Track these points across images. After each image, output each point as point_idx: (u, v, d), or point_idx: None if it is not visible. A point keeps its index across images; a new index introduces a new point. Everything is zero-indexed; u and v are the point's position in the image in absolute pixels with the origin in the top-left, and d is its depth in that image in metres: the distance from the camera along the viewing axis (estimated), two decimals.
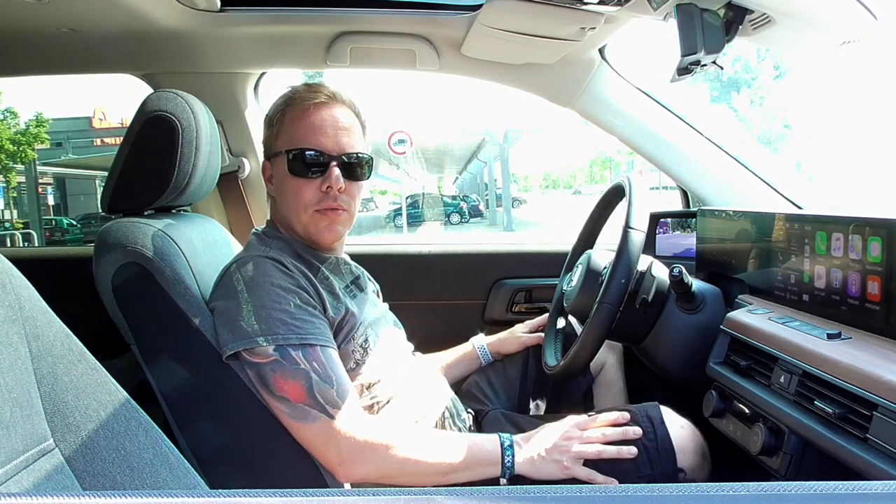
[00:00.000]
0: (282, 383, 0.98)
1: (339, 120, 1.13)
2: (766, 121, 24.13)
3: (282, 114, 1.14)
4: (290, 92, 1.15)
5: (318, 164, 1.10)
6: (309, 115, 1.11)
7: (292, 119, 1.12)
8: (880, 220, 0.86)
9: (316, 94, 1.13)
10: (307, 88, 1.14)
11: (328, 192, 1.10)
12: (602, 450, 1.05)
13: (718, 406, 1.09)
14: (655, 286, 1.23)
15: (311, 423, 0.98)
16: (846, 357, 0.82)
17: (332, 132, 1.11)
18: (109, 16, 1.37)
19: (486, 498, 0.40)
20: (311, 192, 1.11)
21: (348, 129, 1.13)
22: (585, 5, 1.22)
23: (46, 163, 20.04)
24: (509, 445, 1.04)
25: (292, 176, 1.11)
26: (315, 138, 1.10)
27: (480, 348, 1.48)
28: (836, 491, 0.39)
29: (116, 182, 1.10)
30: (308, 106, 1.12)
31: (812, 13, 1.00)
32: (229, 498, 0.40)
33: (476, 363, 1.47)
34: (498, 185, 24.70)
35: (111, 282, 1.03)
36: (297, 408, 0.98)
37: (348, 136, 1.13)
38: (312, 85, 1.16)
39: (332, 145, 1.11)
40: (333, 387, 0.98)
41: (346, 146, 1.12)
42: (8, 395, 0.62)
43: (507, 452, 1.03)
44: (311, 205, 1.11)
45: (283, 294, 1.02)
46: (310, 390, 0.97)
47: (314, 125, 1.11)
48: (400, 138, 14.17)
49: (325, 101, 1.13)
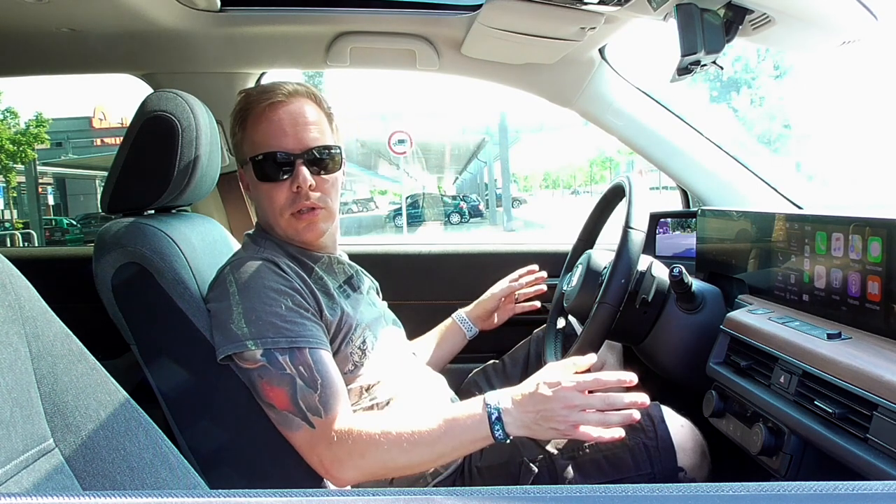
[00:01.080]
0: (268, 390, 0.98)
1: (299, 115, 1.09)
2: (765, 121, 24.14)
3: (242, 120, 1.11)
4: (244, 95, 1.12)
5: (283, 164, 1.07)
6: (266, 116, 1.08)
7: (252, 123, 1.09)
8: (880, 220, 0.86)
9: (271, 93, 1.08)
10: (261, 90, 1.11)
11: (299, 192, 1.08)
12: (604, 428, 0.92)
13: (718, 406, 1.09)
14: (655, 286, 1.23)
15: (294, 431, 0.98)
16: (846, 357, 0.82)
17: (291, 130, 1.08)
18: (109, 16, 1.37)
19: (486, 498, 0.40)
20: (282, 195, 1.08)
21: (311, 124, 1.09)
22: (585, 5, 1.22)
23: (46, 163, 20.06)
24: (497, 419, 0.95)
25: (261, 181, 1.08)
26: (275, 140, 1.07)
27: (459, 318, 1.48)
28: (836, 491, 0.39)
29: (116, 182, 1.10)
30: (263, 108, 1.08)
31: (812, 13, 1.00)
32: (229, 498, 0.40)
33: (460, 335, 1.47)
34: (498, 185, 24.71)
35: (111, 282, 1.03)
36: (283, 415, 0.98)
37: (312, 132, 1.09)
38: (267, 85, 1.12)
39: (294, 144, 1.07)
40: (317, 391, 0.97)
41: (310, 141, 1.08)
42: (8, 395, 0.62)
43: (495, 426, 0.95)
44: (286, 208, 1.09)
45: (275, 296, 1.01)
46: (293, 397, 0.97)
47: (272, 126, 1.08)
48: (400, 138, 14.17)
49: (281, 99, 1.09)
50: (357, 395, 1.08)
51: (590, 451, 1.10)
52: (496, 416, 0.95)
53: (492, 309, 1.48)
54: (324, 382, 0.99)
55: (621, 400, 0.94)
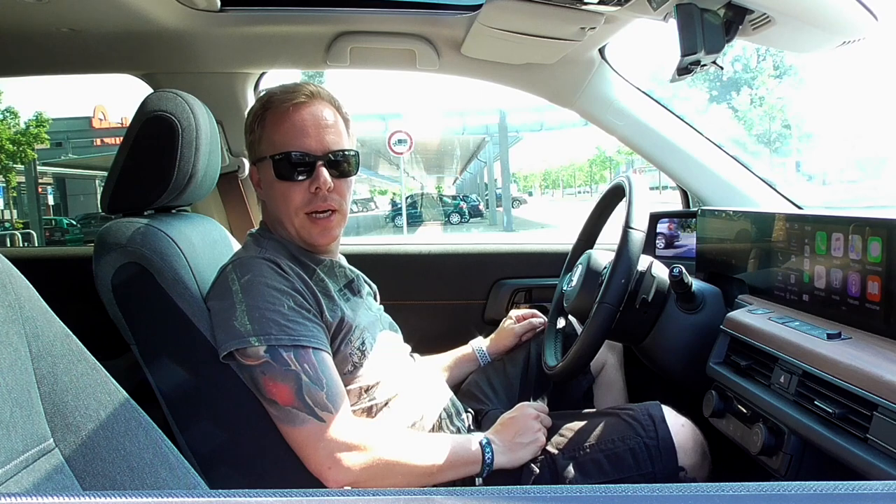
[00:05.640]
0: (271, 386, 0.98)
1: (321, 118, 1.11)
2: (766, 121, 24.15)
3: (262, 118, 1.12)
4: (267, 95, 1.14)
5: (304, 165, 1.09)
6: (289, 116, 1.10)
7: (273, 122, 1.11)
8: (880, 220, 0.86)
9: (294, 94, 1.11)
10: (284, 90, 1.12)
11: (317, 193, 1.09)
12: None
13: (718, 406, 1.09)
14: (655, 286, 1.23)
15: (298, 427, 0.97)
16: (846, 357, 0.82)
17: (314, 132, 1.10)
18: (109, 16, 1.37)
19: (486, 498, 0.40)
20: (299, 194, 1.10)
21: (331, 127, 1.12)
22: (585, 5, 1.22)
23: (46, 163, 20.07)
24: (488, 443, 1.07)
25: (279, 180, 1.10)
26: (298, 140, 1.09)
27: (479, 350, 1.48)
28: (836, 491, 0.39)
29: (116, 182, 1.10)
30: (287, 107, 1.10)
31: (812, 13, 1.00)
32: (229, 498, 0.40)
33: (475, 365, 1.47)
34: (498, 185, 24.72)
35: (111, 282, 1.03)
36: (285, 411, 0.98)
37: (332, 134, 1.11)
38: (290, 85, 1.14)
39: (316, 145, 1.10)
40: (323, 389, 0.98)
41: (331, 144, 1.11)
42: (8, 395, 0.62)
43: (486, 450, 1.06)
44: (302, 207, 1.10)
45: (278, 295, 1.01)
46: (298, 392, 0.97)
47: (296, 126, 1.09)
48: (400, 138, 14.19)
49: (304, 100, 1.11)
50: (356, 395, 1.08)
51: (590, 451, 1.10)
52: (486, 440, 1.08)
53: (510, 345, 1.48)
54: (328, 382, 0.99)
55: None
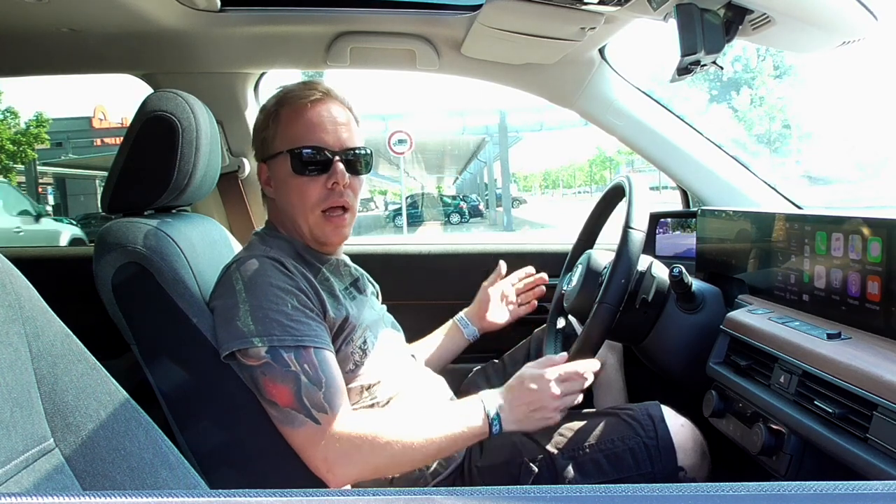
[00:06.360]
0: (271, 387, 0.98)
1: (337, 116, 1.13)
2: (766, 121, 24.16)
3: (276, 114, 1.13)
4: (283, 91, 1.15)
5: (322, 160, 1.10)
6: (307, 112, 1.11)
7: (289, 118, 1.12)
8: (880, 220, 0.86)
9: (311, 91, 1.12)
10: (302, 86, 1.14)
11: (334, 189, 1.10)
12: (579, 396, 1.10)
13: (718, 406, 1.09)
14: (655, 286, 1.23)
15: (297, 428, 0.97)
16: (846, 357, 0.82)
17: (332, 128, 1.11)
18: (109, 16, 1.37)
19: (486, 498, 0.40)
20: (316, 190, 1.11)
21: (346, 125, 1.14)
22: (585, 5, 1.22)
23: (46, 163, 20.06)
24: (496, 416, 1.04)
25: (296, 175, 1.10)
26: (316, 135, 1.10)
27: (460, 319, 1.48)
28: (836, 491, 0.39)
29: (116, 182, 1.10)
30: (305, 104, 1.11)
31: (812, 13, 1.00)
32: (229, 498, 0.40)
33: (460, 335, 1.47)
34: (498, 185, 24.72)
35: (111, 281, 1.03)
36: (285, 412, 0.98)
37: (347, 132, 1.13)
38: (307, 82, 1.15)
39: (334, 141, 1.11)
40: (322, 389, 0.98)
41: (347, 141, 1.12)
42: (8, 395, 0.62)
43: (494, 423, 1.04)
44: (318, 204, 1.11)
45: (282, 295, 1.01)
46: (297, 394, 0.97)
47: (314, 122, 1.11)
48: (400, 138, 14.18)
49: (320, 97, 1.12)
50: (357, 394, 1.08)
51: (590, 451, 1.10)
52: (494, 412, 1.04)
53: (484, 300, 1.48)
54: (328, 381, 0.99)
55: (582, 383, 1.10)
